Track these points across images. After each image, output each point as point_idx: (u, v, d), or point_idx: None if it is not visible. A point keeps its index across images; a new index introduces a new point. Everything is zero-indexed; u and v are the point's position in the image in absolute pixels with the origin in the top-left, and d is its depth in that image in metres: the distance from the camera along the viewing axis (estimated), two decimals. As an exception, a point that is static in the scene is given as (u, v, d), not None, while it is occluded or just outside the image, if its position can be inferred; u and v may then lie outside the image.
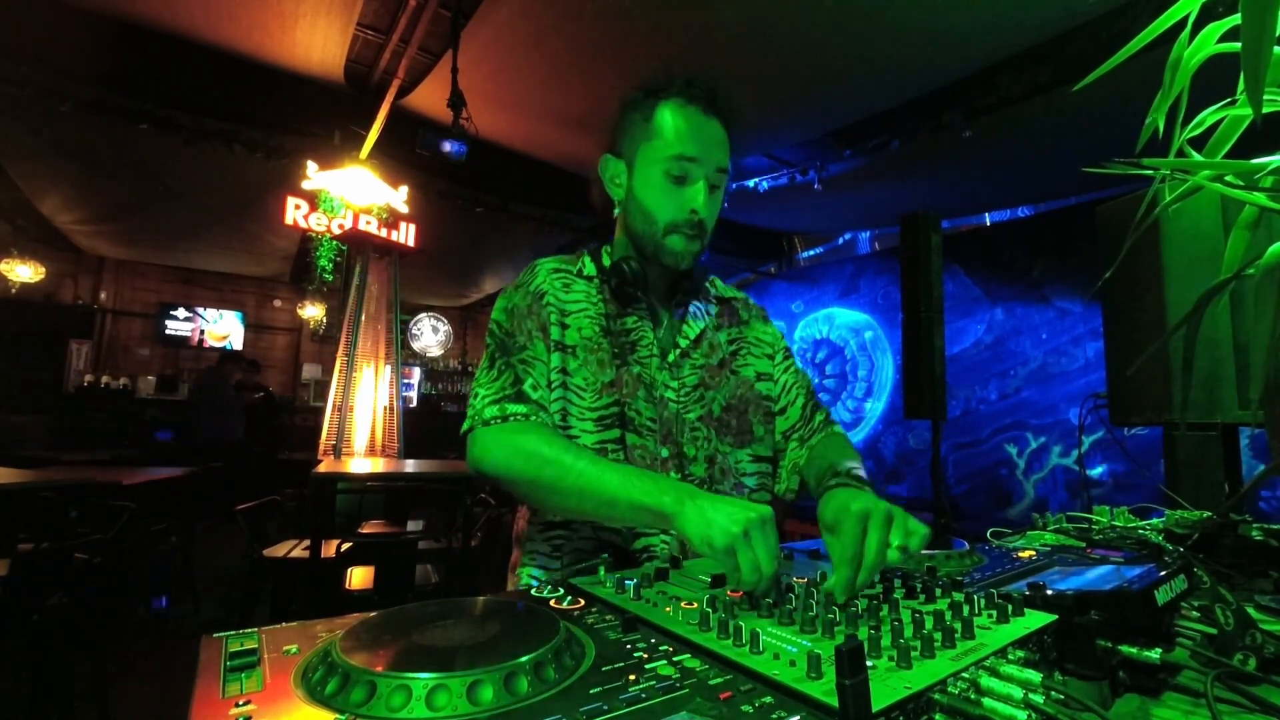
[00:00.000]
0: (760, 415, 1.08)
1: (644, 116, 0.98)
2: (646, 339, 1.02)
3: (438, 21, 4.11)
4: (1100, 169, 0.88)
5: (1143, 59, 0.83)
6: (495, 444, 0.87)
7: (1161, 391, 1.45)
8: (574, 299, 1.02)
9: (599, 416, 0.95)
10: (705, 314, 1.10)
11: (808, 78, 4.06)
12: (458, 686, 0.41)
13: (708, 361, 1.06)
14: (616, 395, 0.96)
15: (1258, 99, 0.62)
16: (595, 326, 1.00)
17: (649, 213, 0.98)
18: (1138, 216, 0.92)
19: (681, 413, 1.00)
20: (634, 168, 1.00)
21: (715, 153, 0.97)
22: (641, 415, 0.97)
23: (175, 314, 9.07)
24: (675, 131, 0.95)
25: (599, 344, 0.99)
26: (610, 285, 1.02)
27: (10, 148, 5.33)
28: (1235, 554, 0.94)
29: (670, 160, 0.95)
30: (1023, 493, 5.64)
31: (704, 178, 0.96)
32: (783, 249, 8.27)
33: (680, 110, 0.96)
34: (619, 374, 0.98)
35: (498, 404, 0.90)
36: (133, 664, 3.04)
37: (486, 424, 0.89)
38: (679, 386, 1.02)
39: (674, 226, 0.97)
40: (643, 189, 0.98)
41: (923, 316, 3.22)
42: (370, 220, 5.48)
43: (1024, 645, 0.52)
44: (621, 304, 1.03)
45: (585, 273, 1.06)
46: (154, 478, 3.81)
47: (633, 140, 1.00)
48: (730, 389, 1.06)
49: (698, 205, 0.96)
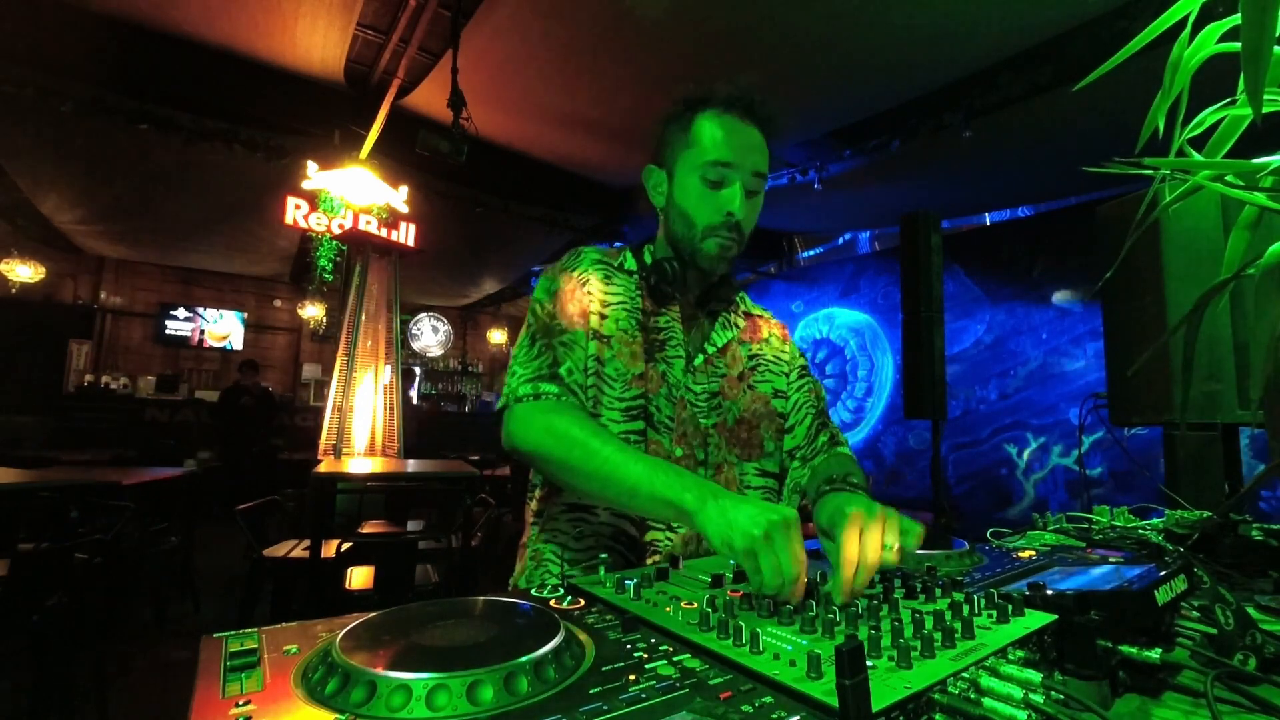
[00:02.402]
0: (772, 431, 1.10)
1: (682, 127, 1.02)
2: (676, 339, 1.04)
3: (438, 21, 4.11)
4: (1100, 169, 0.88)
5: (1143, 59, 0.83)
6: (529, 422, 0.89)
7: (1161, 391, 1.45)
8: (613, 290, 1.04)
9: (626, 407, 0.98)
10: (733, 326, 1.13)
11: (808, 78, 4.06)
12: (458, 686, 0.41)
13: (729, 372, 1.08)
14: (643, 389, 0.99)
15: (1258, 99, 0.62)
16: (631, 320, 1.02)
17: (687, 216, 1.01)
18: (1138, 216, 0.92)
19: (698, 416, 1.02)
20: (674, 175, 1.03)
21: (752, 157, 0.99)
22: (661, 412, 0.99)
23: (175, 314, 9.07)
24: (712, 139, 0.98)
25: (634, 337, 1.01)
26: (649, 282, 1.05)
27: (10, 148, 5.33)
28: (1235, 554, 0.94)
29: (707, 166, 0.98)
30: (1023, 493, 5.64)
31: (740, 182, 0.98)
32: (783, 249, 8.27)
33: (718, 118, 0.99)
34: (647, 368, 1.00)
35: (532, 383, 0.92)
36: (133, 664, 3.04)
37: (520, 400, 0.91)
38: (699, 391, 1.04)
39: (711, 229, 0.99)
40: (682, 194, 1.01)
41: (923, 316, 3.22)
42: (370, 220, 5.48)
43: (1024, 645, 0.52)
44: (657, 302, 1.06)
45: (626, 267, 1.09)
46: (154, 478, 3.81)
47: (673, 150, 1.03)
48: (745, 402, 1.08)
49: (734, 208, 0.98)
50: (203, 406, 8.08)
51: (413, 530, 3.66)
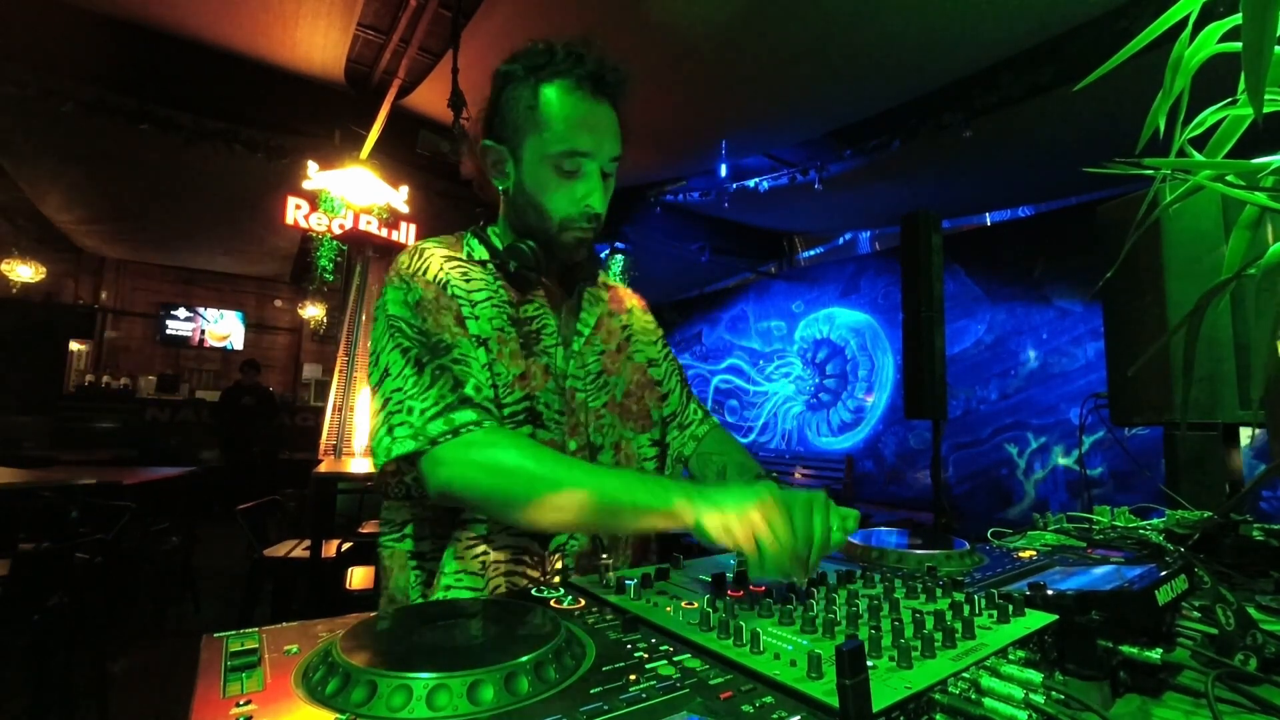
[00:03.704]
0: (655, 400, 1.08)
1: (528, 103, 0.90)
2: (550, 327, 0.97)
3: (438, 21, 4.12)
4: (1100, 169, 0.88)
5: (1143, 59, 0.83)
6: (463, 462, 0.77)
7: (1162, 391, 1.45)
8: (475, 287, 0.94)
9: (510, 414, 0.89)
10: (599, 300, 1.07)
11: (808, 78, 4.06)
12: (458, 686, 0.41)
13: (607, 347, 1.04)
14: (527, 389, 0.91)
15: (1258, 99, 0.62)
16: (502, 316, 0.93)
17: (541, 209, 0.93)
18: (1138, 216, 0.92)
19: (588, 401, 0.97)
20: (521, 159, 0.93)
21: (607, 142, 0.92)
22: (550, 409, 0.93)
23: (176, 314, 9.08)
24: (565, 123, 0.89)
25: (509, 334, 0.93)
26: (508, 269, 0.95)
27: (11, 148, 5.34)
28: (1236, 554, 0.94)
29: (561, 156, 0.89)
30: (1023, 493, 5.64)
31: (598, 169, 0.92)
32: (783, 249, 8.27)
33: (567, 96, 0.89)
34: (528, 365, 0.92)
35: (443, 416, 0.79)
36: (133, 664, 3.04)
37: (435, 442, 0.78)
38: (584, 375, 0.99)
39: (569, 223, 0.93)
40: (533, 183, 0.92)
41: (923, 316, 3.22)
42: (370, 220, 5.48)
43: (1025, 645, 0.52)
44: (520, 290, 0.97)
45: (475, 257, 0.98)
46: (154, 478, 3.82)
47: (517, 129, 0.92)
48: (628, 374, 1.05)
49: (593, 201, 0.92)
50: (203, 406, 8.09)
51: (413, 530, 3.66)
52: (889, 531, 0.93)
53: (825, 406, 7.44)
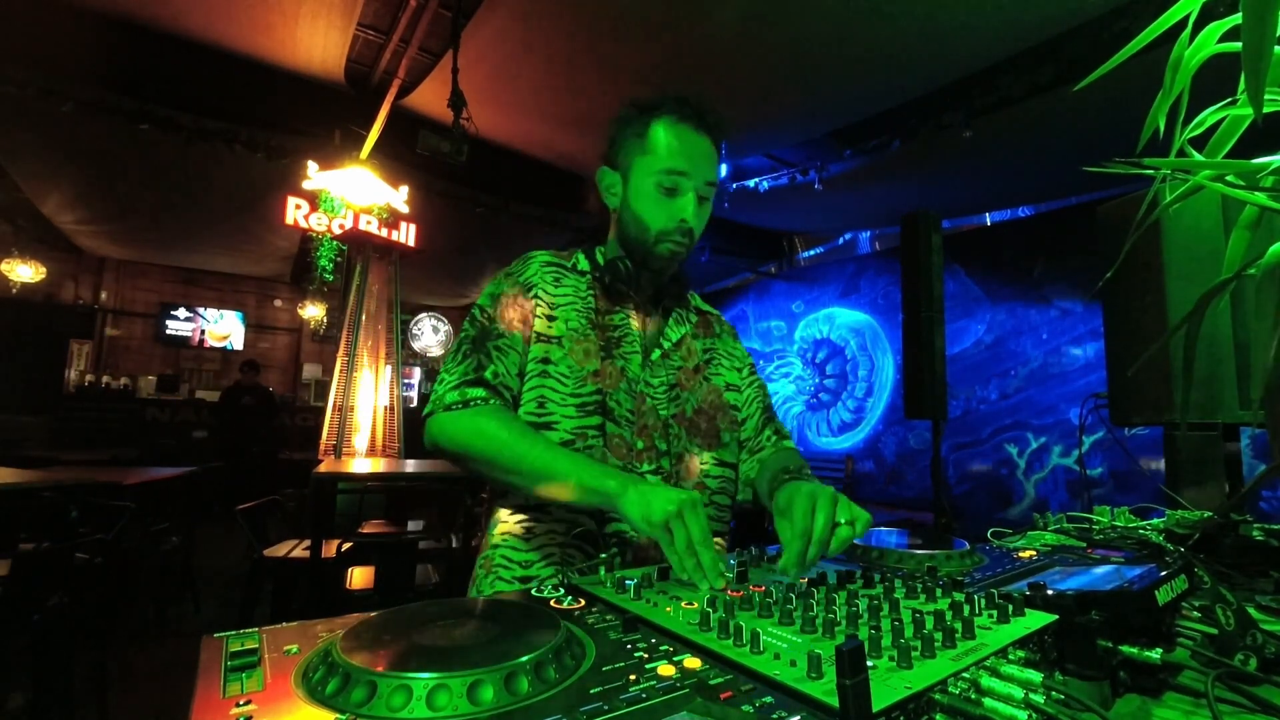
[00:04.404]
0: (727, 423, 1.15)
1: (638, 133, 1.05)
2: (632, 335, 1.08)
3: (438, 21, 4.12)
4: (1100, 169, 0.88)
5: (1143, 59, 0.83)
6: (455, 424, 0.94)
7: (1162, 391, 1.45)
8: (563, 292, 1.08)
9: (581, 403, 1.01)
10: (686, 321, 1.18)
11: (808, 78, 4.06)
12: (458, 686, 0.41)
13: (684, 365, 1.13)
14: (600, 385, 1.02)
15: (1258, 99, 0.62)
16: (583, 319, 1.06)
17: (642, 221, 1.05)
18: (1138, 216, 0.92)
19: (657, 408, 1.06)
20: (629, 180, 1.07)
21: (704, 167, 1.04)
22: (621, 406, 1.03)
23: (176, 314, 9.07)
24: (668, 147, 1.02)
25: (586, 335, 1.05)
26: (603, 281, 1.09)
27: (11, 148, 5.34)
28: (1236, 554, 0.94)
29: (662, 174, 1.02)
30: (1023, 492, 5.64)
31: (693, 190, 1.03)
32: (783, 249, 8.27)
33: (672, 127, 1.03)
34: (604, 365, 1.04)
35: (459, 389, 0.97)
36: (133, 664, 3.04)
37: (448, 409, 0.95)
38: (657, 384, 1.08)
39: (665, 234, 1.04)
40: (637, 199, 1.05)
41: (923, 316, 3.22)
42: (370, 220, 5.48)
43: (1025, 645, 0.52)
44: (611, 300, 1.10)
45: (578, 268, 1.12)
46: (154, 478, 3.81)
47: (628, 154, 1.07)
48: (702, 394, 1.12)
49: (687, 215, 1.03)
50: (203, 406, 8.08)
51: (413, 530, 3.66)
52: (889, 531, 0.93)
53: (825, 406, 7.44)
